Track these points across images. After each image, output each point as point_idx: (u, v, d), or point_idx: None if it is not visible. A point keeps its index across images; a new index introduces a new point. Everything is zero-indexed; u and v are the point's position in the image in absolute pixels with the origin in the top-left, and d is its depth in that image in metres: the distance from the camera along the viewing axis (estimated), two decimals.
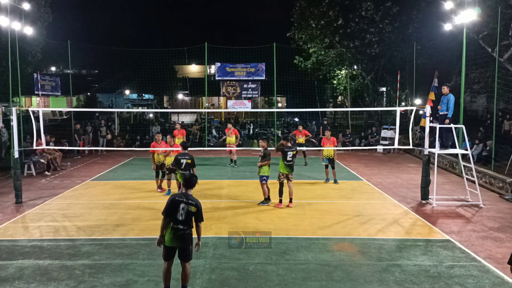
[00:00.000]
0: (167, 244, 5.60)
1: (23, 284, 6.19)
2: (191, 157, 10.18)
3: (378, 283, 6.20)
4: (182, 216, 5.52)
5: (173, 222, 5.55)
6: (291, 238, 8.15)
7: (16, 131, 10.89)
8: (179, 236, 5.54)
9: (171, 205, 5.58)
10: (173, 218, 5.55)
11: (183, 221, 5.53)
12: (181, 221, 5.52)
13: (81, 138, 20.34)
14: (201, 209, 5.64)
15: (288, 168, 10.38)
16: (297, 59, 25.24)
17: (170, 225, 5.56)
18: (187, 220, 5.55)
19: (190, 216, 5.56)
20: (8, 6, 13.41)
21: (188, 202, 5.57)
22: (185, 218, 5.53)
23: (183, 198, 5.60)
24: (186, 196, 5.63)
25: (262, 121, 32.72)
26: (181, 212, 5.52)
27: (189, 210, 5.54)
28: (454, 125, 11.24)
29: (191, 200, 5.59)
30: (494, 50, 15.46)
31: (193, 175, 5.99)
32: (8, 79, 14.66)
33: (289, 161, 10.35)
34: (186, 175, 5.94)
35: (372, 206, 10.60)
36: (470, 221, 9.45)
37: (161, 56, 23.55)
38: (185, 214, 5.53)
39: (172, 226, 5.55)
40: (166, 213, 5.59)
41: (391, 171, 15.91)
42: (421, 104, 20.50)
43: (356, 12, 22.42)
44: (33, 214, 9.93)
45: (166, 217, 5.59)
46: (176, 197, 5.64)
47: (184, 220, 5.53)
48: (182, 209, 5.52)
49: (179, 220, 5.52)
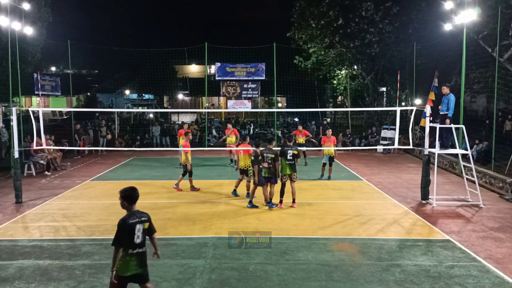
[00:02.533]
0: (127, 274, 4.76)
1: (23, 284, 6.19)
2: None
3: (378, 283, 6.20)
4: (139, 238, 4.81)
5: (130, 248, 4.75)
6: (291, 238, 8.15)
7: (16, 131, 10.88)
8: (142, 261, 4.87)
9: (125, 230, 4.73)
10: (129, 244, 4.75)
11: (142, 242, 4.86)
12: (139, 244, 4.81)
13: (81, 138, 20.35)
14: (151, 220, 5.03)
15: (289, 168, 10.35)
16: (297, 59, 25.23)
17: (127, 252, 4.76)
18: (144, 240, 4.91)
19: (145, 234, 4.91)
20: (8, 6, 13.40)
21: (141, 220, 4.85)
22: (142, 239, 4.85)
23: (136, 218, 4.82)
24: (138, 214, 4.88)
25: (262, 121, 32.71)
26: (137, 234, 4.78)
27: (144, 228, 4.86)
28: (454, 125, 11.24)
29: (143, 217, 4.90)
30: (494, 50, 15.46)
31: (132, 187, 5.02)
32: (8, 79, 14.66)
33: (290, 160, 10.32)
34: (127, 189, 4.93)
35: (372, 206, 10.60)
36: (470, 221, 9.45)
37: (161, 56, 23.56)
38: (141, 235, 4.83)
39: (129, 253, 4.75)
40: (120, 241, 4.75)
41: (391, 171, 15.91)
42: (421, 104, 20.49)
43: (356, 12, 22.41)
44: (33, 214, 9.93)
45: (120, 247, 4.76)
46: (128, 220, 4.76)
47: (142, 241, 4.86)
48: (138, 231, 4.79)
49: (137, 243, 4.79)
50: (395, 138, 12.44)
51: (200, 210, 10.15)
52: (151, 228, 5.01)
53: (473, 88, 22.59)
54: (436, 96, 14.02)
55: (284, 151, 10.37)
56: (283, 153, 10.35)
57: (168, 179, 14.15)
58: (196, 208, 10.38)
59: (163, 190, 12.42)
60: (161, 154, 20.39)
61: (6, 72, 14.84)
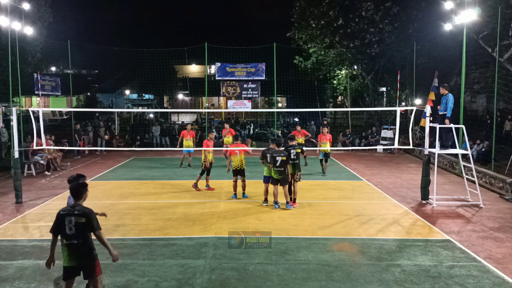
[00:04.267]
0: (65, 264, 4.98)
1: (23, 284, 6.19)
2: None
3: (378, 283, 6.20)
4: (72, 229, 4.89)
5: (64, 238, 4.93)
6: (291, 238, 8.15)
7: (16, 131, 10.88)
8: (75, 253, 4.93)
9: (56, 220, 4.97)
10: (62, 234, 4.94)
11: (74, 235, 4.90)
12: (71, 235, 4.90)
13: (81, 138, 20.36)
14: (92, 217, 4.98)
15: (292, 167, 10.44)
16: (297, 59, 25.24)
17: (63, 242, 4.95)
18: (79, 234, 4.91)
19: (82, 229, 4.92)
20: (8, 6, 13.40)
21: (74, 213, 4.94)
22: (76, 232, 4.89)
23: (68, 210, 4.99)
24: (73, 207, 5.02)
25: (262, 121, 32.72)
26: (68, 226, 4.90)
27: (78, 221, 4.90)
28: (454, 125, 11.24)
29: (78, 211, 4.96)
30: (494, 50, 15.46)
31: (81, 184, 5.33)
32: (8, 79, 14.66)
33: (293, 160, 10.43)
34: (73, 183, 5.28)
35: (372, 206, 10.60)
36: (470, 221, 9.45)
37: (161, 56, 23.55)
38: (74, 228, 4.89)
39: (64, 243, 4.94)
40: (54, 230, 4.99)
41: (391, 171, 15.91)
42: (421, 104, 20.49)
43: (356, 12, 22.41)
44: (33, 214, 9.94)
45: (55, 235, 5.00)
46: (60, 211, 5.02)
47: (75, 233, 4.90)
48: (70, 223, 4.90)
49: (69, 234, 4.90)
50: (395, 138, 12.44)
51: (200, 210, 10.15)
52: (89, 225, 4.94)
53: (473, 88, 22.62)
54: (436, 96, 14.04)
55: (287, 150, 10.46)
56: (287, 152, 10.42)
57: (168, 179, 14.16)
58: (196, 208, 10.38)
59: (163, 190, 12.42)
60: (161, 154, 20.39)
61: (6, 72, 14.84)
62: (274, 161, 10.13)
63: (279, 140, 10.82)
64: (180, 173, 15.29)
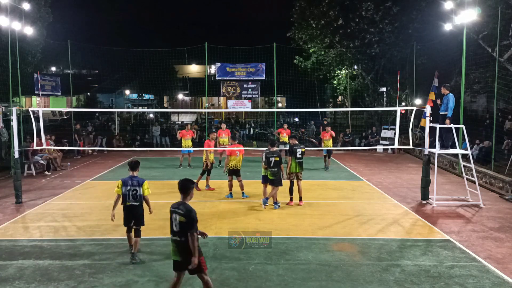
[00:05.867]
0: (172, 257, 5.29)
1: (23, 284, 6.19)
2: (278, 154, 10.37)
3: (378, 283, 6.20)
4: (177, 227, 5.12)
5: (171, 233, 5.22)
6: (291, 238, 8.15)
7: (16, 131, 10.89)
8: (179, 249, 5.15)
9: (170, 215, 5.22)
10: (170, 230, 5.20)
11: (178, 232, 5.11)
12: (176, 232, 5.14)
13: (81, 138, 20.36)
14: (192, 217, 5.07)
15: (298, 166, 10.51)
16: (297, 59, 25.22)
17: (171, 237, 5.24)
18: (182, 232, 5.09)
19: (184, 227, 5.08)
20: (8, 6, 13.40)
21: (177, 211, 5.13)
22: (179, 229, 5.10)
23: (174, 207, 5.21)
24: (178, 205, 5.20)
25: (262, 121, 32.71)
26: (174, 223, 5.15)
27: (181, 220, 5.09)
28: (455, 125, 11.23)
29: (180, 210, 5.12)
30: (494, 50, 15.45)
31: (189, 180, 5.37)
32: (8, 79, 14.66)
33: (299, 159, 10.52)
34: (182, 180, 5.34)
35: (372, 206, 10.60)
36: (470, 221, 9.45)
37: (161, 56, 23.54)
38: (178, 226, 5.11)
39: (171, 238, 5.23)
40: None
41: (391, 171, 15.91)
42: (421, 104, 20.48)
43: (356, 12, 22.40)
44: (33, 214, 9.93)
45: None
46: (171, 206, 5.26)
47: (179, 231, 5.11)
48: (174, 220, 5.14)
49: (175, 231, 5.16)
50: (395, 138, 12.45)
51: (200, 210, 10.09)
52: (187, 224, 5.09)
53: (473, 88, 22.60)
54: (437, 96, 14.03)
55: (293, 150, 10.50)
56: (293, 152, 10.49)
57: (168, 179, 14.15)
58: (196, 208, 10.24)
59: (163, 191, 12.40)
60: (161, 154, 20.38)
61: (6, 72, 14.84)
62: (268, 162, 10.16)
63: (273, 140, 10.85)
64: (180, 173, 15.28)
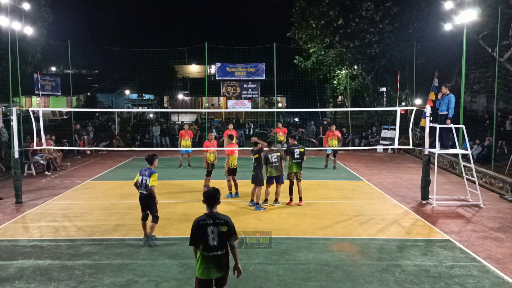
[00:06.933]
0: (203, 277, 4.64)
1: (23, 284, 6.19)
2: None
3: (378, 283, 6.19)
4: (215, 239, 4.58)
5: (205, 250, 4.58)
6: (291, 238, 8.15)
7: (16, 131, 10.89)
8: (220, 263, 4.67)
9: (196, 230, 4.61)
10: (204, 245, 4.58)
11: (219, 244, 4.60)
12: (215, 246, 4.59)
13: (81, 138, 20.35)
14: (232, 223, 4.71)
15: (296, 166, 10.50)
16: (297, 59, 25.21)
17: (203, 254, 4.61)
18: (221, 243, 4.63)
19: (224, 237, 4.64)
20: (8, 6, 13.40)
21: (215, 222, 4.63)
22: (219, 241, 4.60)
23: (209, 219, 4.65)
24: (212, 216, 4.68)
25: (262, 121, 32.71)
26: (211, 236, 4.58)
27: (220, 231, 4.62)
28: (455, 125, 11.23)
29: (219, 220, 4.66)
30: (494, 50, 15.45)
31: (217, 189, 4.87)
32: (8, 79, 14.66)
33: (297, 159, 10.49)
34: (209, 189, 4.90)
35: (372, 206, 10.60)
36: (470, 221, 9.45)
37: (161, 56, 23.54)
38: (217, 237, 4.60)
39: (205, 255, 4.60)
40: (195, 241, 4.62)
41: (391, 171, 15.91)
42: (421, 104, 20.48)
43: (356, 12, 22.40)
44: (33, 214, 9.93)
45: (196, 246, 4.65)
46: (200, 221, 4.66)
47: (219, 243, 4.61)
48: (212, 233, 4.59)
49: (212, 246, 4.58)
50: (395, 138, 12.45)
51: (200, 210, 10.07)
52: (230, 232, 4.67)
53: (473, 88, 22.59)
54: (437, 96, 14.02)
55: (291, 149, 10.49)
56: (290, 152, 10.48)
57: (168, 179, 14.16)
58: (196, 208, 10.36)
59: (163, 190, 12.40)
60: (161, 154, 20.30)
61: (6, 72, 14.85)
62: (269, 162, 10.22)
63: (270, 140, 10.85)
64: (180, 173, 15.30)
